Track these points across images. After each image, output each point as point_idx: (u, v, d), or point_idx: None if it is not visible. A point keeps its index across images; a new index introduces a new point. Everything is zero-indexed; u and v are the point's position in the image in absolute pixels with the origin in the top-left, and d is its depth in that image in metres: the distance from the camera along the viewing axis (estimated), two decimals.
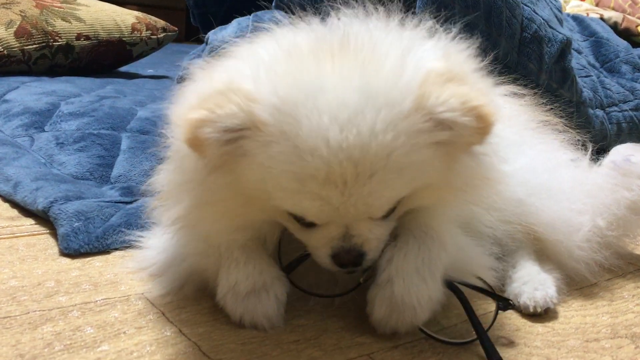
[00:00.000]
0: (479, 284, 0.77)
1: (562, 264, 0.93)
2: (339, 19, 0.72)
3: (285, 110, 0.61)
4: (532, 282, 0.87)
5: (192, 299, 0.80)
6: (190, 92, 0.67)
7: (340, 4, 0.75)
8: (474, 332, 0.73)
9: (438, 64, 0.65)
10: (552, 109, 1.05)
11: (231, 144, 0.63)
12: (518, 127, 0.95)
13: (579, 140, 1.04)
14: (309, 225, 0.69)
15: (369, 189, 0.63)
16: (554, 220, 0.90)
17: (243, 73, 0.65)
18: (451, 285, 0.75)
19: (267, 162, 0.63)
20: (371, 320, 0.73)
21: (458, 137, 0.64)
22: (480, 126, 0.63)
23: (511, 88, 0.97)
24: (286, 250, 0.77)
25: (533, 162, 0.92)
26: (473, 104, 0.62)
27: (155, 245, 0.85)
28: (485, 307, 0.82)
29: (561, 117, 1.06)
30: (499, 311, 0.77)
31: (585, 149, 1.04)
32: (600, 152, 1.05)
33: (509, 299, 0.75)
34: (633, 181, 0.95)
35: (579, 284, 0.95)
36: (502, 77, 0.95)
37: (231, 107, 0.61)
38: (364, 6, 0.73)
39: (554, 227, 0.90)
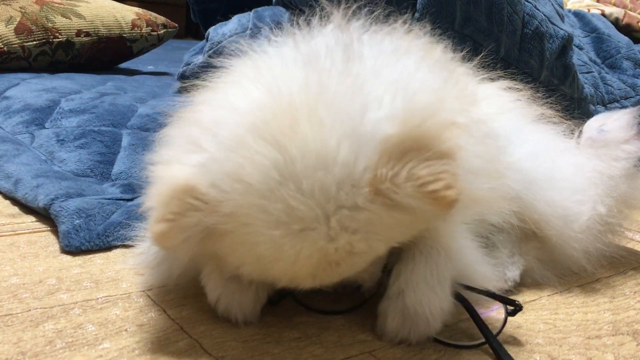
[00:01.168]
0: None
1: (557, 253, 0.93)
2: (299, 48, 0.68)
3: (240, 221, 0.60)
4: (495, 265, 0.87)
5: (193, 296, 0.80)
6: (158, 174, 0.65)
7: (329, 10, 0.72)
8: (479, 335, 0.73)
9: (394, 129, 0.59)
10: (549, 102, 1.05)
11: (199, 242, 0.63)
12: (516, 117, 0.95)
13: (574, 130, 1.04)
14: None
15: (339, 272, 0.64)
16: (550, 210, 0.90)
17: (199, 168, 0.62)
18: (456, 294, 0.75)
19: (235, 260, 0.65)
20: (383, 333, 0.73)
21: (420, 215, 0.62)
22: (438, 209, 0.60)
23: (507, 83, 0.97)
24: None
25: (534, 149, 0.91)
26: (429, 188, 0.58)
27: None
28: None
29: (558, 110, 1.05)
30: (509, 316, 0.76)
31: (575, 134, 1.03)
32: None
33: (517, 302, 0.75)
34: (617, 149, 0.94)
35: (580, 280, 0.95)
36: (500, 72, 0.94)
37: (190, 217, 0.61)
38: (348, 18, 0.70)
39: (550, 218, 0.90)
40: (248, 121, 0.61)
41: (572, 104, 1.54)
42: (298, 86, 0.62)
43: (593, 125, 1.00)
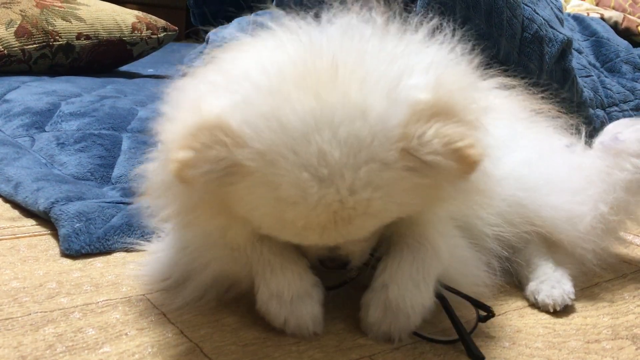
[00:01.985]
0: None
1: (570, 255, 0.93)
2: (332, 23, 0.70)
3: (269, 160, 0.61)
4: (549, 281, 0.88)
5: (193, 300, 0.80)
6: (179, 125, 0.65)
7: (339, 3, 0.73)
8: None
9: (425, 97, 0.62)
10: (544, 97, 1.04)
11: (217, 177, 0.63)
12: (509, 120, 0.94)
13: (572, 124, 1.03)
14: None
15: (347, 230, 0.65)
16: (555, 214, 0.90)
17: (232, 107, 0.63)
18: (435, 293, 0.75)
19: (250, 202, 0.65)
20: (364, 324, 0.74)
21: (441, 177, 0.64)
22: (463, 167, 0.62)
23: (501, 80, 0.96)
24: None
25: (528, 155, 0.91)
26: (456, 145, 0.60)
27: (167, 258, 0.83)
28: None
29: (554, 103, 1.04)
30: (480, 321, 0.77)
31: (579, 133, 1.02)
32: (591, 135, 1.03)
33: (490, 308, 0.76)
34: (624, 160, 0.93)
35: (579, 284, 0.95)
36: (494, 70, 0.94)
37: (217, 150, 0.61)
38: (362, 8, 0.72)
39: (556, 222, 0.90)
40: (287, 71, 0.63)
41: (572, 108, 1.54)
42: (338, 47, 0.65)
43: (611, 130, 0.98)
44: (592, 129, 1.58)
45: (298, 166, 0.61)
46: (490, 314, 0.76)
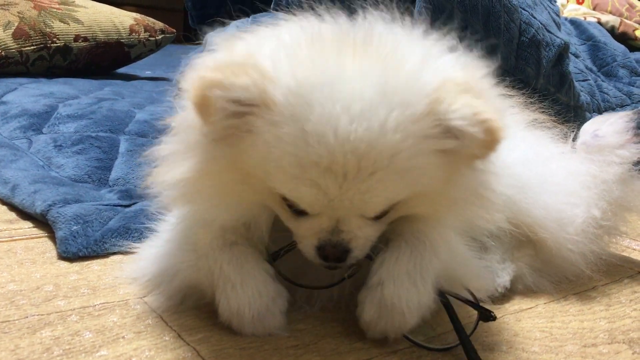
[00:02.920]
0: (465, 293, 0.77)
1: (553, 256, 0.93)
2: (365, 17, 0.71)
3: (299, 93, 0.61)
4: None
5: (191, 303, 0.80)
6: (209, 59, 0.66)
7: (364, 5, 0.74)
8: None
9: (457, 74, 0.65)
10: (542, 107, 1.05)
11: (237, 118, 0.62)
12: (510, 123, 0.95)
13: (567, 133, 1.04)
14: (300, 213, 0.69)
15: (367, 186, 0.63)
16: (545, 214, 0.90)
17: (264, 51, 0.64)
18: (439, 291, 0.74)
19: (272, 142, 0.62)
20: (360, 323, 0.73)
21: (464, 147, 0.64)
22: (487, 139, 0.63)
23: (501, 90, 0.97)
24: (274, 237, 0.76)
25: (525, 155, 0.92)
26: (484, 116, 0.62)
27: (148, 255, 0.84)
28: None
29: (551, 114, 1.05)
30: (480, 321, 0.76)
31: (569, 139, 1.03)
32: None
33: (491, 311, 0.75)
34: (611, 154, 0.94)
35: (576, 288, 0.95)
36: (496, 80, 0.94)
37: (246, 80, 0.61)
38: (390, 11, 0.73)
39: (545, 222, 0.90)
40: (325, 34, 0.66)
41: (569, 112, 1.55)
42: (360, 30, 0.67)
43: (588, 129, 0.99)
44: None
45: (331, 100, 0.60)
46: (492, 317, 0.75)
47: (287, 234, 0.73)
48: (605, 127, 0.97)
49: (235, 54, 0.64)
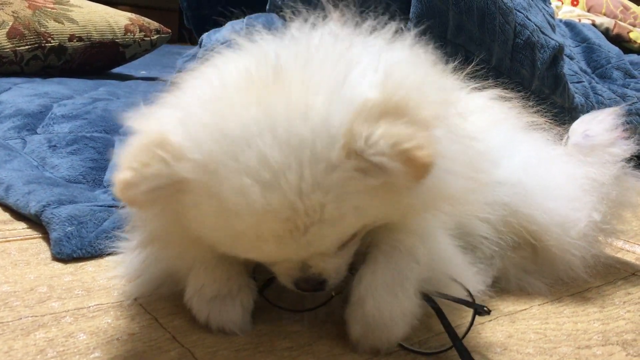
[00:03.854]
0: (458, 288, 0.76)
1: (557, 261, 0.93)
2: (293, 29, 0.70)
3: (209, 169, 0.59)
4: None
5: (185, 304, 0.80)
6: (125, 148, 0.64)
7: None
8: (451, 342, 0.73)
9: (373, 94, 0.60)
10: (539, 110, 1.05)
11: (163, 197, 0.62)
12: (508, 127, 0.95)
13: (564, 136, 1.04)
14: None
15: (307, 240, 0.62)
16: (549, 219, 0.90)
17: (174, 122, 0.62)
18: (424, 296, 0.74)
19: (200, 219, 0.63)
20: (350, 341, 0.72)
21: (392, 180, 0.60)
22: (411, 171, 0.57)
23: (498, 92, 0.97)
24: (260, 269, 0.76)
25: (526, 160, 0.92)
26: (403, 147, 0.56)
27: (132, 247, 0.84)
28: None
29: (547, 117, 1.06)
30: (476, 317, 0.75)
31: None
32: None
33: (484, 306, 0.74)
34: (602, 153, 0.94)
35: (570, 290, 0.96)
36: (490, 81, 0.95)
37: (155, 167, 0.59)
38: (324, 9, 0.71)
39: (549, 227, 0.90)
40: (232, 81, 0.63)
41: (563, 114, 1.55)
42: (286, 56, 0.63)
43: (578, 129, 0.99)
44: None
45: (238, 172, 0.58)
46: (486, 311, 0.74)
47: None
48: (595, 126, 0.97)
49: (147, 134, 0.62)
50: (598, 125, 0.97)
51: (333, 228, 0.62)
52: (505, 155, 0.89)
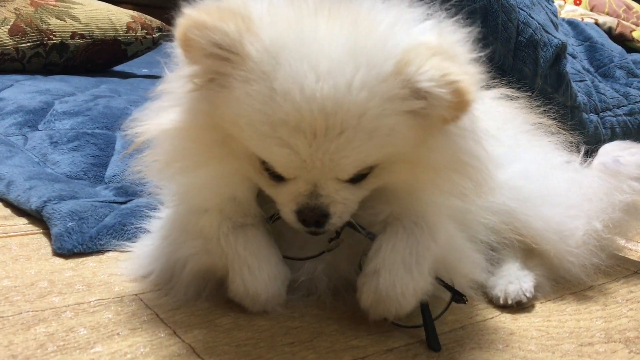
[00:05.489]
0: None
1: (556, 267, 0.93)
2: None
3: (270, 51, 0.63)
4: (508, 277, 0.88)
5: (186, 300, 0.80)
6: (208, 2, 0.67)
7: None
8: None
9: (428, 38, 0.66)
10: (545, 110, 1.05)
11: (215, 60, 0.64)
12: (513, 130, 0.95)
13: (572, 142, 1.04)
14: (278, 179, 0.70)
15: (336, 146, 0.64)
16: (545, 226, 0.90)
17: (257, 4, 0.66)
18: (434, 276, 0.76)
19: (243, 99, 0.64)
20: (360, 306, 0.74)
21: (432, 109, 0.64)
22: (455, 100, 0.62)
23: (505, 91, 0.97)
24: (263, 209, 0.78)
25: (528, 167, 0.92)
26: (452, 78, 0.62)
27: (148, 253, 0.85)
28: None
29: (555, 119, 1.06)
30: (451, 303, 0.77)
31: (579, 151, 1.03)
32: (591, 153, 1.04)
33: (463, 294, 0.76)
34: (624, 182, 0.95)
35: (572, 288, 0.95)
36: (496, 80, 0.94)
37: (230, 27, 0.63)
38: None
39: (545, 234, 0.90)
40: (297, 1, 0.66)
41: (566, 112, 1.55)
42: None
43: (610, 151, 1.00)
44: (586, 133, 1.59)
45: (298, 58, 0.62)
46: (463, 300, 0.76)
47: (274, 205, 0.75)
48: (627, 155, 0.98)
49: (232, 1, 0.66)
50: (630, 157, 0.98)
51: (363, 141, 0.64)
52: (508, 160, 0.89)
